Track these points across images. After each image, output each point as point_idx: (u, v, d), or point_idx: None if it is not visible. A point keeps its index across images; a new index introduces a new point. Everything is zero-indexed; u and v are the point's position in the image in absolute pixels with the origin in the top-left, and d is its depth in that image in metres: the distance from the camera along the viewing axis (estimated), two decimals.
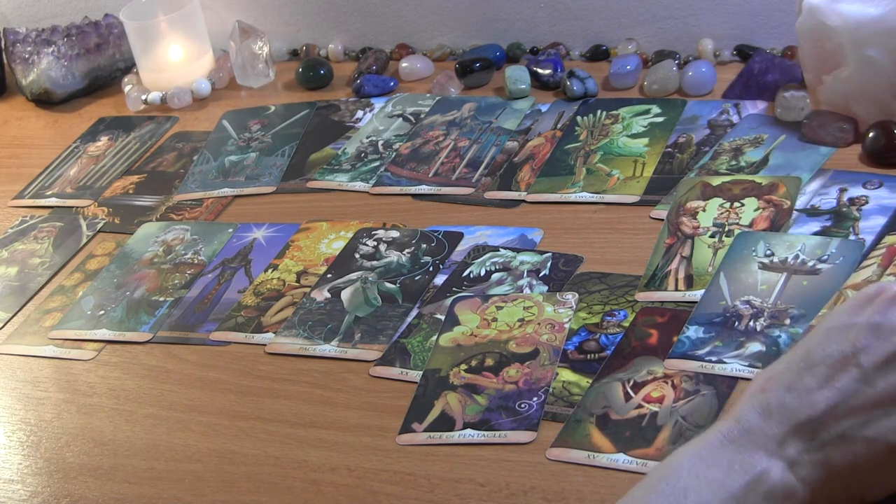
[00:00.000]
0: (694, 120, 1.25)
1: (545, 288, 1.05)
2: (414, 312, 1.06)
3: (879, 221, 1.04)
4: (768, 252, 1.02)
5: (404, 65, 1.47)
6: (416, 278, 1.10)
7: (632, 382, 0.93)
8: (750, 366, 0.91)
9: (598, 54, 1.42)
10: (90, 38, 1.56)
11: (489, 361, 0.98)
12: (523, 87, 1.36)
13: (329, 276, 1.13)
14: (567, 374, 0.95)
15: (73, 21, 1.62)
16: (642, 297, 1.02)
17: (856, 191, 1.08)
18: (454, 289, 1.08)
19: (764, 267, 1.01)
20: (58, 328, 1.14)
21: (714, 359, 0.92)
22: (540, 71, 1.37)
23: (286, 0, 1.56)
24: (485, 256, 1.11)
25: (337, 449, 0.93)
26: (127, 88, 1.53)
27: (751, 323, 0.95)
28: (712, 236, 1.06)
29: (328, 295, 1.10)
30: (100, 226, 1.29)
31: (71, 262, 1.24)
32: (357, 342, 1.04)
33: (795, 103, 1.20)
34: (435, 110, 1.37)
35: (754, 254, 1.02)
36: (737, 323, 0.95)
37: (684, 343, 0.94)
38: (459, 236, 1.15)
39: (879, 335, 0.69)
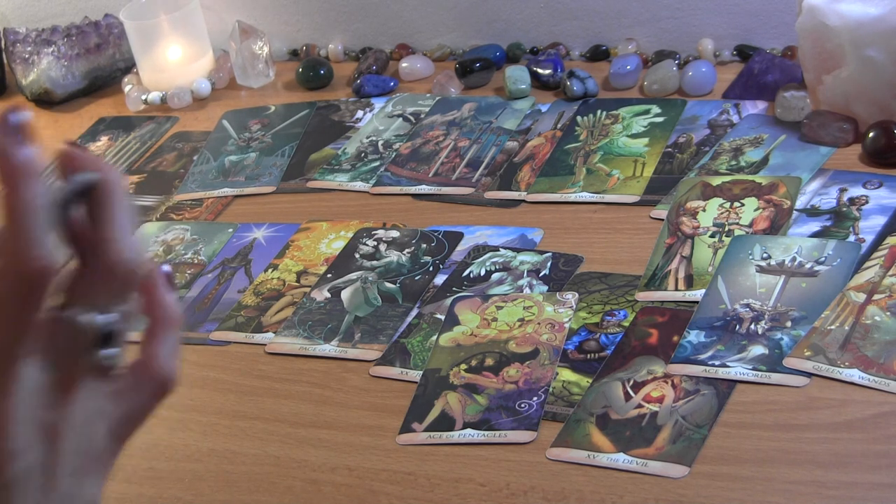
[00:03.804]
0: (694, 120, 1.25)
1: (545, 288, 1.05)
2: (414, 312, 1.06)
3: (879, 221, 1.04)
4: (765, 255, 1.02)
5: (404, 65, 1.47)
6: (416, 278, 1.10)
7: (632, 382, 0.93)
8: (753, 369, 0.91)
9: (598, 54, 1.42)
10: (90, 38, 1.56)
11: (489, 361, 0.98)
12: (523, 87, 1.36)
13: (329, 275, 1.13)
14: (567, 374, 0.95)
15: (73, 21, 1.62)
16: (642, 296, 1.02)
17: (856, 191, 1.08)
18: (454, 289, 1.08)
19: (761, 270, 1.01)
20: None
21: (717, 363, 0.92)
22: (540, 71, 1.37)
23: (286, 0, 1.56)
24: (485, 256, 1.11)
25: (337, 449, 0.93)
26: (127, 88, 1.53)
27: (752, 326, 0.95)
28: (712, 236, 1.06)
29: (328, 295, 1.10)
30: None
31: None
32: (357, 342, 1.04)
33: (795, 103, 1.20)
34: (435, 110, 1.37)
35: (751, 257, 1.02)
36: (738, 326, 0.95)
37: (686, 348, 0.94)
38: (459, 236, 1.15)
39: None
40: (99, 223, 0.53)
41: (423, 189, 1.24)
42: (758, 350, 0.93)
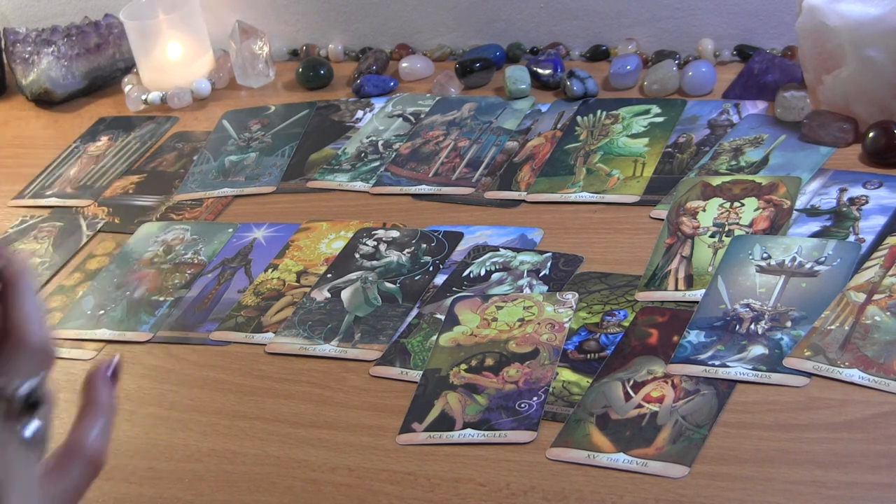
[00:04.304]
0: (694, 120, 1.25)
1: (545, 288, 1.05)
2: (414, 312, 1.06)
3: (879, 221, 1.04)
4: (765, 255, 1.02)
5: (404, 65, 1.47)
6: (416, 278, 1.10)
7: (632, 382, 0.93)
8: (753, 369, 0.91)
9: (598, 54, 1.42)
10: (90, 38, 1.56)
11: (489, 361, 0.98)
12: (523, 87, 1.36)
13: (329, 275, 1.13)
14: (567, 374, 0.95)
15: (73, 21, 1.62)
16: (642, 296, 1.02)
17: (856, 191, 1.08)
18: (454, 289, 1.08)
19: (761, 270, 1.01)
20: (58, 328, 1.14)
21: (717, 363, 0.92)
22: (540, 71, 1.37)
23: (286, 0, 1.56)
24: (485, 256, 1.11)
25: (337, 449, 0.93)
26: (127, 88, 1.53)
27: (752, 326, 0.95)
28: (712, 236, 1.06)
29: (328, 295, 1.10)
30: (100, 226, 1.29)
31: (71, 262, 1.24)
32: (357, 342, 1.04)
33: (795, 103, 1.20)
34: (435, 110, 1.37)
35: (751, 257, 1.02)
36: (738, 326, 0.95)
37: (686, 348, 0.94)
38: (459, 236, 1.15)
39: None
40: (10, 306, 0.56)
41: (423, 189, 1.24)
42: (758, 350, 0.93)
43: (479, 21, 1.48)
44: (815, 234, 1.04)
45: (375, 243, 1.16)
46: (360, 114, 1.40)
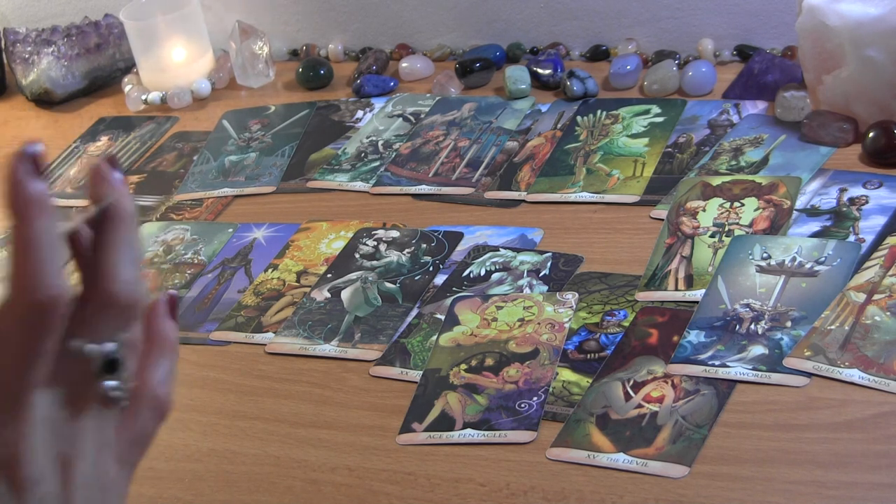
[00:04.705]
0: (694, 120, 1.25)
1: (545, 288, 1.05)
2: (414, 312, 1.06)
3: (879, 221, 1.04)
4: (765, 255, 1.02)
5: (404, 65, 1.47)
6: (416, 278, 1.10)
7: (632, 382, 0.93)
8: (753, 369, 0.91)
9: (598, 54, 1.42)
10: (90, 38, 1.56)
11: (489, 361, 0.98)
12: (523, 87, 1.36)
13: (329, 275, 1.13)
14: (567, 374, 0.95)
15: (73, 21, 1.62)
16: (642, 296, 1.02)
17: (856, 191, 1.08)
18: (454, 289, 1.08)
19: (761, 270, 1.01)
20: None
21: (717, 363, 0.92)
22: (540, 71, 1.37)
23: (286, 0, 1.56)
24: (485, 256, 1.11)
25: (337, 449, 0.93)
26: (127, 88, 1.53)
27: (752, 326, 0.95)
28: (712, 236, 1.06)
29: (328, 295, 1.10)
30: None
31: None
32: (357, 342, 1.04)
33: (795, 103, 1.20)
34: (435, 110, 1.37)
35: (751, 257, 1.02)
36: (738, 326, 0.95)
37: (686, 348, 0.94)
38: (459, 236, 1.15)
39: None
40: (102, 252, 0.53)
41: (423, 189, 1.24)
42: (758, 350, 0.93)
43: (479, 21, 1.48)
44: (815, 234, 1.04)
45: (375, 243, 1.16)
46: (360, 114, 1.40)
